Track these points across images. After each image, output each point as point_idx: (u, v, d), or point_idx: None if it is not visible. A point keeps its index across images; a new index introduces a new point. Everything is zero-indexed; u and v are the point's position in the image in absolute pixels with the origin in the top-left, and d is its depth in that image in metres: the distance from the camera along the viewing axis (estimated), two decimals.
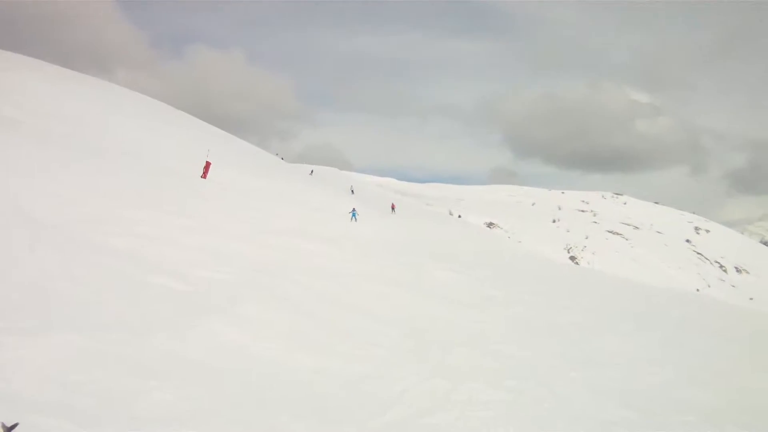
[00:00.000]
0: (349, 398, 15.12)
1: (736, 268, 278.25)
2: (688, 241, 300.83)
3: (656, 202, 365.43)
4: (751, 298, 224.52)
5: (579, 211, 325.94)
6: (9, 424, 8.73)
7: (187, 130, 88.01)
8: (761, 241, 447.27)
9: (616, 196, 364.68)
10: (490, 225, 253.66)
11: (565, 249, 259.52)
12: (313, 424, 13.05)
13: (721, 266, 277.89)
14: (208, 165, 53.26)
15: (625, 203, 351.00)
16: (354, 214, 58.33)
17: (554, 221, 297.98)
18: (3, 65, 72.39)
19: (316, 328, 20.91)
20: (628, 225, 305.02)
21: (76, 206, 28.36)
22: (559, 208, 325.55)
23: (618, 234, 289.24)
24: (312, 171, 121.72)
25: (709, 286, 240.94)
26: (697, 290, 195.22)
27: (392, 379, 17.07)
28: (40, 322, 14.85)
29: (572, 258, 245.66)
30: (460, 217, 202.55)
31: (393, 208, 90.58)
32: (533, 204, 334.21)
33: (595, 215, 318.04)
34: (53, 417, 10.47)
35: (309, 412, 13.63)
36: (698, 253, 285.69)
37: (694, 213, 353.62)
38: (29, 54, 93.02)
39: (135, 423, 11.17)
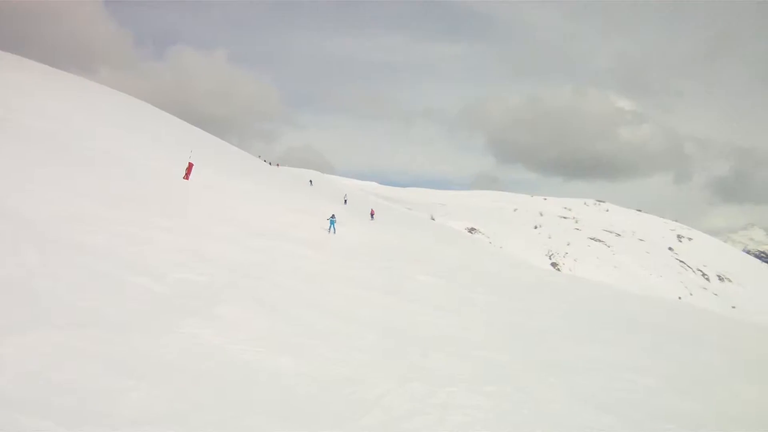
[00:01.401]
0: (326, 401, 15.02)
1: (718, 276, 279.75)
2: (670, 248, 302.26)
3: (639, 210, 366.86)
4: (733, 307, 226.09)
5: (561, 217, 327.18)
6: None
7: (170, 131, 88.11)
8: (744, 250, 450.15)
9: (598, 203, 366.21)
10: (471, 230, 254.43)
11: (546, 255, 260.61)
12: (290, 426, 12.96)
13: (704, 274, 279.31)
14: (190, 166, 53.13)
15: (607, 210, 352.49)
16: (332, 223, 54.20)
17: (536, 227, 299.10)
18: None
19: (294, 331, 20.82)
20: (610, 232, 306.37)
21: (56, 205, 28.25)
22: (541, 215, 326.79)
23: (600, 241, 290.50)
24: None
25: (691, 294, 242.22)
26: (679, 298, 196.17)
27: (370, 382, 16.97)
28: (18, 319, 14.76)
29: (554, 264, 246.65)
30: (433, 219, 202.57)
31: (372, 214, 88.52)
32: (515, 210, 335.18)
33: (577, 222, 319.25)
34: (31, 415, 10.43)
35: (286, 415, 13.54)
36: (680, 261, 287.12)
37: (676, 221, 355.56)
38: (12, 51, 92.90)
39: (113, 422, 11.10)
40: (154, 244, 27.63)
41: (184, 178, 51.64)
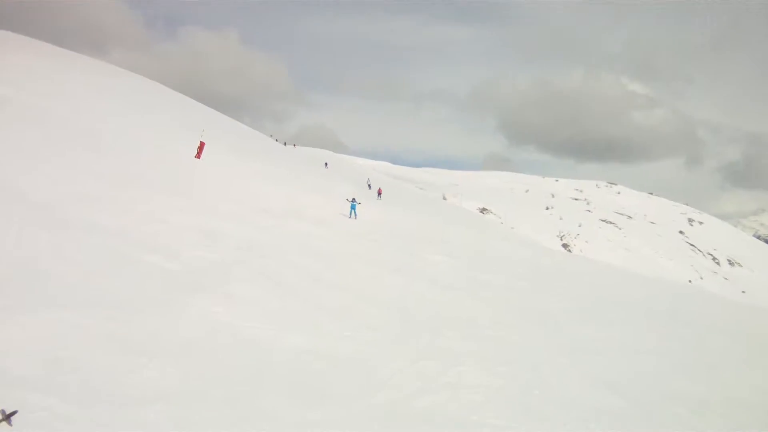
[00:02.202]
0: (338, 379, 15.04)
1: (728, 260, 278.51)
2: (681, 232, 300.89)
3: (650, 193, 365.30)
4: (743, 291, 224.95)
5: (572, 199, 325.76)
6: (8, 412, 8.64)
7: (182, 111, 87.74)
8: (755, 235, 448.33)
9: (610, 185, 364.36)
10: (483, 210, 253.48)
11: (557, 236, 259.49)
12: (301, 403, 12.99)
13: (714, 258, 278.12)
14: (202, 145, 52.96)
15: (618, 193, 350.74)
16: (353, 207, 51.05)
17: (547, 209, 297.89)
18: None
19: (306, 309, 20.86)
20: (622, 214, 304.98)
21: (67, 185, 28.16)
22: (553, 196, 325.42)
23: (611, 223, 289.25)
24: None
25: (701, 278, 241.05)
26: (690, 281, 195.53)
27: (382, 360, 17.00)
28: (29, 299, 14.77)
29: (565, 245, 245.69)
30: (445, 199, 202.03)
31: (379, 193, 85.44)
32: (527, 191, 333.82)
33: (588, 204, 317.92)
34: (41, 394, 10.43)
35: (297, 392, 13.57)
36: (691, 245, 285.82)
37: (687, 204, 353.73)
38: (24, 33, 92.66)
39: (123, 400, 11.11)
40: (166, 223, 27.61)
41: (195, 157, 51.51)
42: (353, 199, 51.92)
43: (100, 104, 60.01)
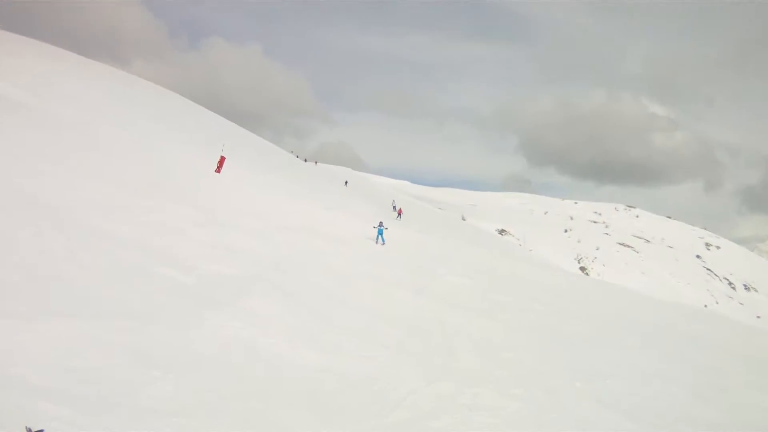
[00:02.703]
0: (352, 398, 15.03)
1: (744, 285, 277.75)
2: (698, 256, 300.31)
3: (669, 217, 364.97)
4: (758, 317, 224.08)
5: (591, 222, 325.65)
6: (35, 429, 8.64)
7: (202, 123, 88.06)
8: None
9: (628, 208, 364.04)
10: (501, 232, 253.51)
11: (575, 259, 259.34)
12: (315, 421, 12.98)
13: (730, 283, 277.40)
14: (222, 159, 53.19)
15: (637, 216, 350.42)
16: (380, 232, 48.13)
17: (566, 231, 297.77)
18: (18, 49, 72.30)
19: (322, 326, 20.86)
20: (640, 238, 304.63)
21: (85, 193, 28.31)
22: (572, 218, 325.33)
23: (629, 246, 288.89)
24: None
25: (717, 303, 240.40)
26: (705, 306, 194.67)
27: (397, 380, 16.98)
28: (43, 307, 14.80)
29: (582, 268, 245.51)
30: (464, 220, 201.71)
31: (400, 213, 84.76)
32: (545, 213, 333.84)
33: (607, 227, 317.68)
34: (54, 403, 10.42)
35: (311, 410, 13.56)
36: (708, 269, 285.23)
37: (705, 228, 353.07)
38: (45, 40, 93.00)
39: (136, 413, 11.11)
40: (183, 235, 27.70)
41: (215, 171, 51.70)
42: (380, 223, 49.31)
43: (118, 112, 60.31)
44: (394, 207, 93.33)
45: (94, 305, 16.17)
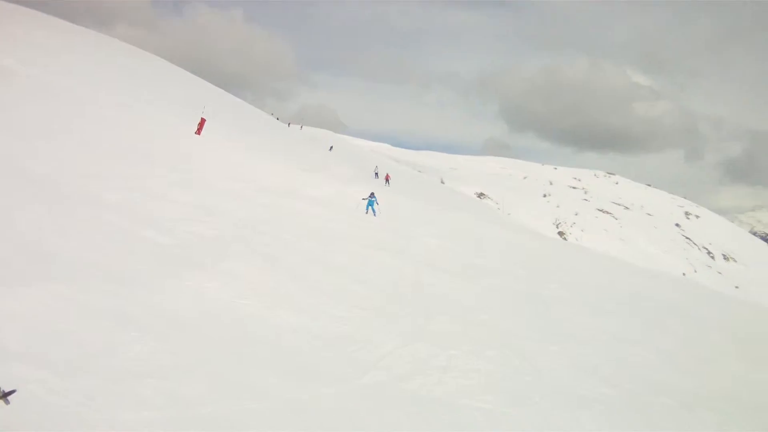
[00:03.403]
0: (328, 359, 15.10)
1: (723, 255, 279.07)
2: (677, 225, 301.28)
3: (648, 185, 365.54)
4: (736, 287, 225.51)
5: (570, 187, 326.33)
6: (6, 390, 8.67)
7: (185, 87, 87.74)
8: (751, 231, 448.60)
9: (608, 175, 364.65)
10: (480, 195, 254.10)
11: (554, 224, 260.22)
12: (291, 381, 13.05)
13: (709, 252, 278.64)
14: (202, 122, 53.03)
15: (616, 183, 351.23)
16: (371, 204, 44.97)
17: (545, 196, 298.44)
18: (2, 16, 71.88)
19: (299, 287, 20.92)
20: (619, 205, 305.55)
21: (67, 159, 28.22)
22: (551, 183, 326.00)
23: (608, 213, 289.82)
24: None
25: (695, 271, 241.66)
26: (684, 274, 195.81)
27: (373, 342, 17.07)
28: (26, 272, 14.74)
29: (561, 233, 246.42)
30: (443, 183, 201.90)
31: (387, 179, 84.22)
32: (525, 177, 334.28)
33: (586, 193, 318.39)
34: (34, 367, 10.39)
35: (287, 371, 13.62)
36: (687, 238, 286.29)
37: (685, 198, 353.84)
38: (27, 5, 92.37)
39: (115, 374, 11.12)
40: (164, 198, 27.62)
41: (196, 133, 51.55)
42: (372, 194, 45.77)
43: (102, 79, 60.04)
44: (377, 173, 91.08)
45: (77, 269, 16.14)
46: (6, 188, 21.17)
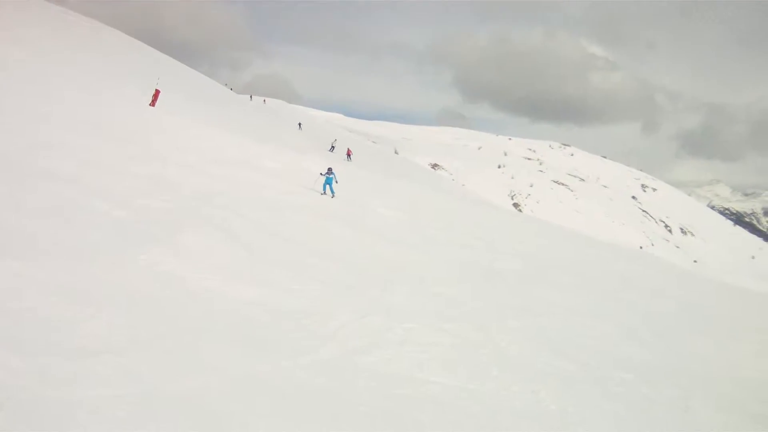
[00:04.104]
0: (284, 332, 15.06)
1: (681, 229, 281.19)
2: (634, 197, 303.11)
3: (604, 157, 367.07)
4: (695, 261, 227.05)
5: (525, 158, 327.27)
6: None
7: (138, 58, 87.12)
8: (708, 205, 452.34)
9: (563, 146, 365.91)
10: (434, 166, 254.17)
11: (509, 195, 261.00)
12: (248, 355, 13.00)
13: (666, 226, 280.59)
14: (157, 93, 52.69)
15: (572, 155, 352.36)
16: (329, 181, 40.64)
17: (499, 167, 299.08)
18: None
19: (255, 260, 20.89)
20: (574, 177, 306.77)
21: (19, 133, 27.84)
22: (505, 154, 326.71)
23: (563, 185, 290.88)
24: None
25: (653, 245, 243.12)
26: (641, 247, 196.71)
27: (329, 314, 17.05)
28: None
29: (515, 205, 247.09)
30: (397, 154, 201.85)
31: (349, 154, 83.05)
32: (479, 148, 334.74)
33: (541, 164, 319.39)
34: None
35: (243, 345, 13.57)
36: (644, 211, 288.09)
37: (641, 170, 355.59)
38: None
39: (70, 351, 10.99)
40: (117, 171, 27.37)
41: (150, 105, 51.22)
42: (329, 170, 41.42)
43: (52, 50, 59.37)
44: (333, 147, 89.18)
45: (30, 245, 15.97)
46: None
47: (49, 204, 19.84)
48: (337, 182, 40.89)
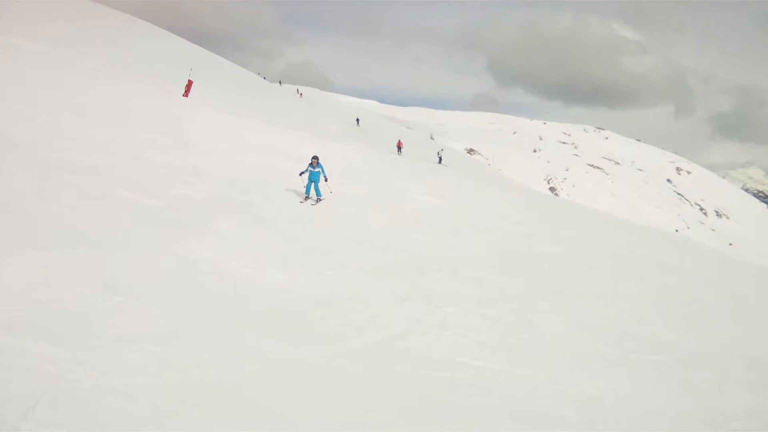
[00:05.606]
0: (321, 319, 14.98)
1: (716, 212, 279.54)
2: (669, 180, 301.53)
3: (638, 140, 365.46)
4: (730, 244, 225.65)
5: (560, 142, 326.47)
6: None
7: (168, 49, 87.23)
8: (743, 188, 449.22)
9: (598, 130, 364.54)
10: (470, 152, 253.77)
11: (545, 179, 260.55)
12: (286, 342, 12.91)
13: (702, 209, 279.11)
14: (189, 83, 52.66)
15: (606, 138, 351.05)
16: (314, 180, 29.83)
17: (535, 151, 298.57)
18: None
19: (290, 247, 20.89)
20: (609, 160, 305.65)
21: (46, 124, 27.77)
22: (540, 139, 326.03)
23: (598, 168, 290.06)
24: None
25: (688, 228, 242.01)
26: (676, 230, 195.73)
27: (366, 301, 16.98)
28: (10, 241, 14.55)
29: (552, 189, 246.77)
30: (432, 139, 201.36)
31: (399, 147, 79.76)
32: (514, 133, 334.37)
33: (576, 148, 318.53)
34: (21, 336, 10.21)
35: (280, 332, 13.49)
36: (679, 194, 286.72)
37: (675, 153, 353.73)
38: None
39: (106, 341, 10.95)
40: (151, 161, 27.35)
41: (183, 95, 51.21)
42: (315, 161, 30.13)
43: (81, 42, 59.64)
44: (440, 158, 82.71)
45: (62, 236, 15.99)
46: None
47: (79, 195, 19.90)
48: (326, 180, 30.02)
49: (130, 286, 13.85)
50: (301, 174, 29.96)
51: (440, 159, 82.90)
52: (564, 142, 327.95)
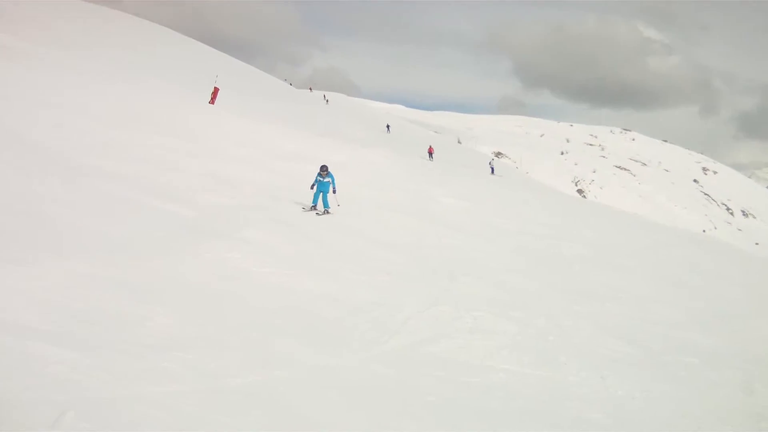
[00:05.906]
0: (352, 324, 15.03)
1: (742, 211, 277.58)
2: (695, 181, 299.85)
3: (664, 140, 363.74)
4: (756, 243, 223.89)
5: (587, 144, 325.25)
6: None
7: (194, 56, 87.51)
8: None
9: (624, 131, 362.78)
10: (498, 155, 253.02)
11: (572, 182, 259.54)
12: (317, 348, 12.97)
13: (728, 209, 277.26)
14: (216, 91, 52.84)
15: (633, 139, 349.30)
16: (324, 190, 28.22)
17: (562, 153, 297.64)
18: None
19: (320, 253, 20.95)
20: (636, 161, 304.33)
21: (77, 132, 27.90)
22: (567, 141, 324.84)
23: (625, 170, 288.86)
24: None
25: (715, 228, 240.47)
26: (704, 231, 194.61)
27: (396, 305, 17.01)
28: (40, 249, 14.56)
29: (580, 191, 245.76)
30: (460, 143, 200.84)
31: (431, 153, 77.12)
32: (541, 135, 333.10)
33: (603, 150, 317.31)
34: (54, 345, 10.19)
35: (311, 338, 13.55)
36: (705, 194, 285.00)
37: (701, 153, 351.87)
38: None
39: (138, 349, 10.99)
40: (180, 168, 27.50)
41: (209, 102, 51.37)
42: (324, 171, 28.65)
43: (107, 52, 59.91)
44: (492, 168, 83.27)
45: (92, 244, 16.03)
46: (14, 161, 20.95)
47: (108, 203, 19.97)
48: (335, 191, 28.52)
49: (162, 294, 13.94)
50: (312, 187, 28.32)
51: (492, 169, 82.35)
52: (591, 144, 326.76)
